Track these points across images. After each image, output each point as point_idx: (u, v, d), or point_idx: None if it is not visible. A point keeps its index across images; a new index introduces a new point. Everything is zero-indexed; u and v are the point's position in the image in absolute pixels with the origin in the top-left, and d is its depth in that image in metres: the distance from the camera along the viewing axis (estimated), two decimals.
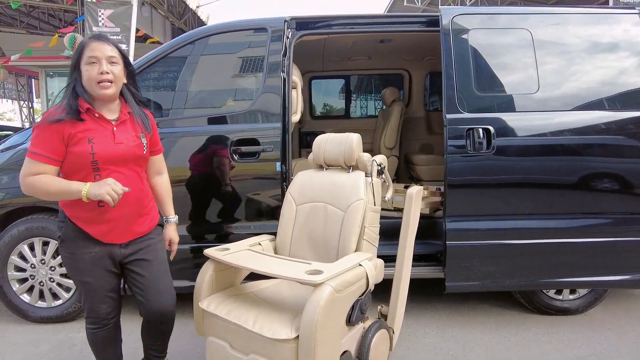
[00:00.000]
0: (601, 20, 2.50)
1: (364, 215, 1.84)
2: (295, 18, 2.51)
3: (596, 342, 2.29)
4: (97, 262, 1.55)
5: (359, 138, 1.97)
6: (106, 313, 1.62)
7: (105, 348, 1.70)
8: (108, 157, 1.47)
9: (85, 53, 1.46)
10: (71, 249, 1.55)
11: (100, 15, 6.21)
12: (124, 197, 1.48)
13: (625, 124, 2.33)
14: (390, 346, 2.01)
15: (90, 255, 1.54)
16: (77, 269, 1.56)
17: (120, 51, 1.55)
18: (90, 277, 1.56)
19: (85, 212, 1.50)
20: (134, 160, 1.55)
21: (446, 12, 2.48)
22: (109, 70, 1.47)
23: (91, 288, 1.57)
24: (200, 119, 2.50)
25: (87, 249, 1.54)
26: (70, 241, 1.55)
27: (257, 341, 1.50)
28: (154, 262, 1.64)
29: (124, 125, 1.55)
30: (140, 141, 1.57)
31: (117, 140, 1.50)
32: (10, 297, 2.55)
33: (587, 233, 2.36)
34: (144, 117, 1.62)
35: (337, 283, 1.51)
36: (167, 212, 1.81)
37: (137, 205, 1.59)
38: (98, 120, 1.50)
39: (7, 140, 2.77)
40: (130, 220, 1.58)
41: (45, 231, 2.52)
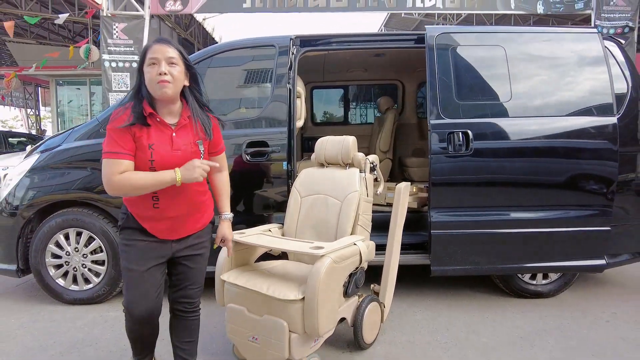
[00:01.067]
0: (565, 38, 2.87)
1: (358, 204, 2.19)
2: (299, 36, 2.89)
3: (563, 319, 2.62)
4: (149, 252, 1.58)
5: (354, 140, 2.33)
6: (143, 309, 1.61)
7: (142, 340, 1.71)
8: (165, 164, 1.50)
9: (148, 55, 1.49)
10: (127, 236, 1.59)
11: (115, 28, 6.62)
12: (180, 199, 1.55)
13: (583, 129, 2.69)
14: (381, 318, 2.35)
15: (144, 243, 1.58)
16: (126, 255, 1.59)
17: (181, 53, 1.54)
18: (138, 265, 1.57)
19: (144, 212, 1.55)
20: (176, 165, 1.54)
21: (431, 31, 2.85)
22: (167, 71, 1.47)
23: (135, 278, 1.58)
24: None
25: (141, 238, 1.58)
26: (129, 229, 1.59)
27: (270, 303, 1.84)
28: (202, 259, 1.72)
29: (183, 130, 1.55)
30: (197, 149, 1.56)
31: (175, 147, 1.51)
32: (47, 281, 2.88)
33: (554, 224, 2.70)
34: (206, 121, 1.60)
35: (336, 256, 1.85)
36: (223, 209, 1.79)
37: (192, 206, 1.62)
38: (159, 124, 1.52)
39: (45, 142, 3.10)
40: (185, 220, 1.61)
41: (78, 223, 2.85)
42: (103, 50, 6.71)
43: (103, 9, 6.63)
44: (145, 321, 1.62)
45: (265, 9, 6.89)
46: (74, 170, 2.86)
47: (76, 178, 2.84)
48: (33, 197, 2.86)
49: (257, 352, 1.89)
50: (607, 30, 6.78)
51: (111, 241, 2.83)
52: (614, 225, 2.73)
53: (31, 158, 2.98)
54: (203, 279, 1.77)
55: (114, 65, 6.67)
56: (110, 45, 6.64)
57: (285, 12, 7.00)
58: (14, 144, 9.15)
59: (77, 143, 2.92)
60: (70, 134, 3.01)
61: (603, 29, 6.79)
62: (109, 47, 6.65)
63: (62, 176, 2.88)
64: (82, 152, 2.87)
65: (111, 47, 6.65)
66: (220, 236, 1.80)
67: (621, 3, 6.76)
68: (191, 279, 1.71)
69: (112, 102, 6.59)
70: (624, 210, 2.78)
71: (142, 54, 1.52)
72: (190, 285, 1.71)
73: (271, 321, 1.81)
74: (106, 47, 6.65)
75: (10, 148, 8.83)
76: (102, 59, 6.75)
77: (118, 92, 6.61)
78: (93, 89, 11.63)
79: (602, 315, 2.66)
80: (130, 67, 6.70)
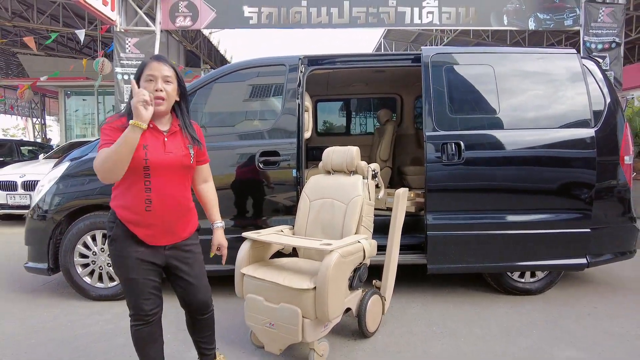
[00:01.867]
0: (548, 58, 3.17)
1: (361, 207, 2.46)
2: (307, 56, 3.19)
3: (548, 313, 2.87)
4: (142, 262, 1.64)
5: (358, 150, 2.61)
6: (150, 309, 1.67)
7: (148, 346, 1.74)
8: (158, 164, 1.59)
9: (145, 71, 1.60)
10: (119, 248, 1.63)
11: (128, 43, 6.96)
12: (168, 203, 1.62)
13: (564, 140, 2.97)
14: (382, 310, 2.61)
15: (137, 253, 1.63)
16: (124, 267, 1.64)
17: (175, 71, 1.65)
18: (136, 274, 1.63)
19: (136, 216, 1.60)
20: (181, 169, 1.67)
21: (426, 51, 3.15)
22: (162, 89, 1.59)
23: (136, 285, 1.64)
24: (233, 135, 3.15)
25: (134, 249, 1.62)
26: (119, 241, 1.63)
27: (285, 293, 2.10)
28: (195, 265, 1.77)
29: (174, 137, 1.66)
30: (188, 152, 1.68)
31: (168, 150, 1.62)
32: (75, 279, 3.13)
33: (539, 226, 2.97)
34: (192, 130, 1.73)
35: (343, 251, 2.12)
36: (213, 218, 1.88)
37: (180, 211, 1.68)
38: (152, 130, 1.61)
39: (74, 152, 3.37)
40: (173, 225, 1.67)
41: (104, 225, 3.11)
42: (116, 64, 7.04)
43: (117, 24, 6.97)
44: (154, 320, 1.71)
45: (270, 25, 7.25)
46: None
47: (105, 184, 3.10)
48: (63, 202, 3.13)
49: (274, 337, 2.15)
50: (595, 45, 7.14)
51: None
52: (595, 228, 3.00)
53: (61, 166, 3.26)
54: (207, 281, 1.82)
55: (125, 78, 7.00)
56: (122, 59, 6.98)
57: (289, 28, 7.36)
58: (25, 153, 9.45)
59: None
60: (97, 144, 3.29)
61: (591, 44, 7.15)
62: (122, 61, 6.99)
63: (90, 182, 3.15)
64: None
65: (124, 60, 6.99)
66: (217, 244, 1.87)
67: (608, 20, 7.12)
68: (196, 285, 1.76)
69: None
70: (603, 214, 3.05)
71: (140, 69, 1.63)
72: (197, 291, 1.77)
73: (286, 308, 2.07)
74: (119, 61, 6.98)
75: (22, 156, 9.12)
76: (115, 72, 7.08)
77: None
78: (100, 99, 11.98)
79: (585, 310, 2.91)
80: None
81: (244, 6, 7.21)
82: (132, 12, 7.37)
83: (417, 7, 7.29)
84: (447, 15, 7.32)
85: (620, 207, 3.11)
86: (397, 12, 7.27)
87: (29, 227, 3.24)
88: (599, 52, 7.13)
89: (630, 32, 12.21)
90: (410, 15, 7.30)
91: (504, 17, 7.39)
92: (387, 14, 7.30)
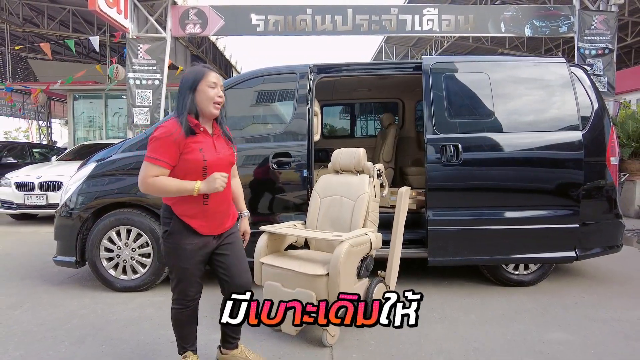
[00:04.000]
0: (539, 66, 3.43)
1: (368, 203, 2.71)
2: (317, 65, 3.45)
3: (539, 301, 3.11)
4: (196, 252, 1.83)
5: (364, 151, 2.87)
6: (193, 294, 1.90)
7: (187, 325, 1.97)
8: (213, 163, 1.78)
9: (209, 78, 1.77)
10: (176, 241, 1.81)
11: (139, 49, 7.23)
12: (221, 195, 1.80)
13: (554, 142, 3.22)
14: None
15: (192, 245, 1.82)
16: (178, 257, 1.83)
17: None
18: (189, 264, 1.83)
19: (193, 210, 1.79)
20: (228, 166, 1.88)
21: (427, 60, 3.41)
22: (222, 95, 1.81)
23: (188, 274, 1.85)
24: (248, 138, 3.40)
25: (189, 240, 1.81)
26: (176, 234, 1.81)
27: (300, 279, 2.34)
28: (238, 248, 1.98)
29: (218, 138, 1.86)
30: (232, 151, 1.91)
31: (217, 150, 1.82)
32: (101, 271, 3.37)
33: (531, 221, 3.21)
34: (228, 134, 1.95)
35: (352, 242, 2.36)
36: (241, 208, 2.11)
37: (227, 203, 1.90)
38: (203, 133, 1.80)
39: (98, 154, 3.62)
40: (224, 216, 1.89)
41: (129, 221, 3.36)
42: (128, 69, 7.31)
43: (129, 31, 7.25)
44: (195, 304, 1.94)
45: (277, 32, 7.53)
46: (126, 176, 3.38)
47: (128, 183, 3.36)
48: (90, 200, 3.37)
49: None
50: (589, 51, 7.40)
51: (157, 237, 3.32)
52: (584, 224, 3.24)
53: (88, 167, 3.51)
54: (247, 266, 2.01)
55: (137, 83, 7.26)
56: (134, 64, 7.25)
57: (295, 35, 7.64)
58: (36, 155, 9.71)
59: (127, 154, 3.45)
60: (121, 146, 3.55)
61: (585, 50, 7.42)
62: (134, 67, 7.26)
63: (115, 182, 3.40)
64: (132, 162, 3.40)
65: (136, 66, 7.25)
66: (242, 230, 2.09)
67: (601, 27, 7.39)
68: (237, 267, 1.94)
69: (137, 116, 7.18)
70: (591, 210, 3.29)
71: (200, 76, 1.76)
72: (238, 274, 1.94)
73: (302, 292, 2.31)
74: (131, 66, 7.26)
75: (33, 158, 9.38)
76: (127, 77, 7.34)
77: (141, 107, 7.19)
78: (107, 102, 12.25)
79: (573, 299, 3.15)
80: (152, 85, 7.30)
81: (252, 14, 7.48)
82: (144, 20, 7.65)
83: (417, 15, 7.56)
84: (447, 23, 7.60)
85: (607, 204, 3.35)
86: (398, 20, 7.55)
87: (58, 223, 3.48)
88: (593, 58, 7.39)
89: (625, 37, 12.49)
90: (411, 22, 7.57)
91: (501, 24, 7.66)
92: (389, 21, 7.57)
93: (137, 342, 2.51)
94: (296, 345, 2.43)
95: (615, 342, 2.47)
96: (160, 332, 2.64)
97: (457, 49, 15.38)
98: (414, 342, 2.48)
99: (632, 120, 6.41)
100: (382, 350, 2.40)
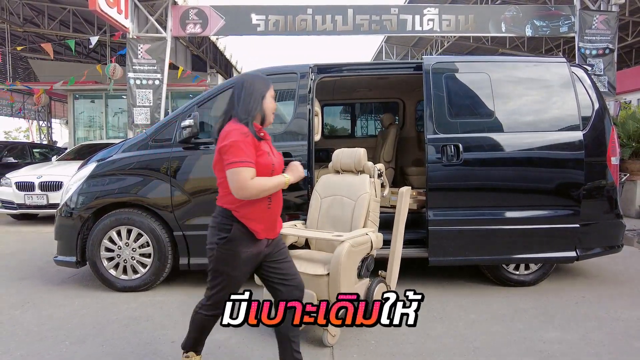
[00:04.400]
0: (540, 66, 3.43)
1: (368, 203, 2.71)
2: (317, 65, 3.45)
3: (539, 301, 3.11)
4: (249, 260, 1.83)
5: (364, 151, 2.87)
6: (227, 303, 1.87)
7: (206, 331, 1.97)
8: (277, 166, 1.86)
9: (272, 89, 1.91)
10: (234, 247, 1.78)
11: (140, 49, 7.23)
12: (278, 198, 1.87)
13: (555, 142, 3.22)
14: None
15: (247, 253, 1.80)
16: (231, 265, 1.80)
17: None
18: (239, 272, 1.82)
19: (257, 213, 1.80)
20: (282, 168, 1.92)
21: (427, 60, 3.41)
22: None
23: (234, 282, 1.84)
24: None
25: (247, 248, 1.80)
26: (236, 240, 1.78)
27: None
28: (287, 251, 1.99)
29: (269, 143, 1.92)
30: (281, 155, 1.98)
31: (274, 154, 1.90)
32: (101, 271, 3.37)
33: (532, 221, 3.21)
34: None
35: (353, 241, 2.37)
36: None
37: (281, 205, 1.94)
38: (264, 138, 1.85)
39: (99, 154, 3.62)
40: (277, 218, 1.93)
41: (129, 221, 3.36)
42: (128, 69, 7.31)
43: (130, 31, 7.25)
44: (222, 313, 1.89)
45: (277, 32, 7.53)
46: (127, 176, 3.38)
47: (129, 183, 3.36)
48: (91, 200, 3.38)
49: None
50: (589, 51, 7.40)
51: (157, 237, 3.33)
52: (585, 224, 3.24)
53: (88, 167, 3.51)
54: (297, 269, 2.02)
55: (138, 83, 7.26)
56: (135, 64, 7.25)
57: (295, 35, 7.64)
58: (37, 155, 9.72)
59: (128, 154, 3.45)
60: (122, 145, 3.55)
61: (586, 50, 7.41)
62: (134, 67, 7.26)
63: (116, 182, 3.40)
64: (133, 162, 3.40)
65: (136, 66, 7.25)
66: None
67: (602, 27, 7.38)
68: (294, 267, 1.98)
69: (137, 116, 7.18)
70: (592, 210, 3.29)
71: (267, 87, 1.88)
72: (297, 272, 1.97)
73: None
74: (131, 66, 7.26)
75: (34, 158, 9.39)
76: (128, 77, 7.34)
77: (142, 107, 7.19)
78: (108, 102, 12.27)
79: (573, 299, 3.15)
80: (153, 85, 7.30)
81: (252, 14, 7.48)
82: (144, 20, 7.65)
83: (418, 15, 7.56)
84: (447, 23, 7.59)
85: (607, 204, 3.35)
86: (399, 20, 7.55)
87: (59, 223, 3.49)
88: (593, 58, 7.39)
89: (626, 37, 12.47)
90: (412, 22, 7.57)
91: (501, 24, 7.66)
92: (390, 21, 7.57)
93: (137, 342, 2.51)
94: None
95: (615, 341, 2.47)
96: (161, 332, 2.64)
97: (457, 49, 15.37)
98: (414, 342, 2.48)
99: (632, 120, 6.41)
100: (382, 350, 2.40)
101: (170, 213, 3.31)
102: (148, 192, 3.33)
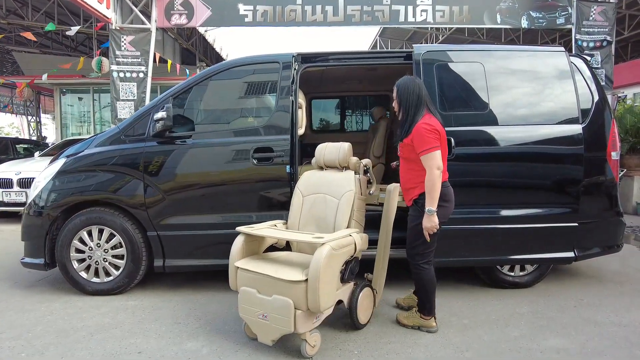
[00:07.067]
0: (536, 56, 3.23)
1: (353, 201, 2.52)
2: (301, 54, 3.23)
3: (536, 304, 2.94)
4: None
5: (349, 146, 2.67)
6: None
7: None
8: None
9: None
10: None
11: (123, 40, 6.95)
12: None
13: (552, 136, 3.03)
14: (374, 303, 2.67)
15: None
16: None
17: None
18: None
19: None
20: None
21: (418, 49, 3.20)
22: None
23: None
24: (227, 132, 3.19)
25: None
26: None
27: (278, 285, 2.15)
28: None
29: None
30: None
31: None
32: (71, 274, 3.16)
33: (528, 220, 3.03)
34: None
35: (334, 244, 2.17)
36: None
37: None
38: None
39: (69, 149, 3.39)
40: None
41: (101, 220, 3.15)
42: (112, 62, 7.03)
43: (112, 22, 6.97)
44: None
45: (265, 23, 7.27)
46: (98, 173, 3.16)
47: (100, 180, 3.15)
48: (59, 198, 3.16)
49: (267, 328, 2.20)
50: (587, 43, 7.22)
51: (130, 237, 3.12)
52: (583, 222, 3.07)
53: (57, 162, 3.29)
54: None
55: (122, 76, 7.00)
56: (118, 56, 6.98)
57: (285, 26, 7.39)
58: (20, 151, 9.43)
59: (100, 149, 3.23)
60: (93, 140, 3.33)
61: (583, 42, 7.23)
62: (117, 59, 6.98)
63: (85, 179, 3.18)
64: (104, 157, 3.18)
65: (119, 58, 6.98)
66: None
67: (599, 18, 7.20)
68: None
69: (120, 110, 6.92)
70: (591, 208, 3.11)
71: None
72: None
73: (279, 300, 2.13)
74: (114, 59, 6.98)
75: (17, 154, 9.10)
76: (111, 69, 7.07)
77: (125, 100, 6.93)
78: (96, 96, 11.95)
79: (571, 302, 2.99)
80: (137, 78, 7.03)
81: (239, 4, 7.21)
82: (128, 10, 7.36)
83: (411, 5, 7.33)
84: (441, 14, 7.37)
85: (607, 202, 3.18)
86: (391, 10, 7.31)
87: (26, 223, 3.27)
88: (591, 50, 7.20)
89: (622, 31, 12.31)
90: (405, 13, 7.34)
91: (497, 15, 7.45)
92: (382, 12, 7.34)
93: (102, 353, 2.31)
94: (273, 357, 2.24)
95: (616, 349, 2.31)
96: (130, 340, 2.44)
97: (452, 43, 15.17)
98: (401, 352, 2.30)
99: (630, 115, 6.26)
100: None
101: (144, 212, 3.10)
102: (120, 189, 3.12)
